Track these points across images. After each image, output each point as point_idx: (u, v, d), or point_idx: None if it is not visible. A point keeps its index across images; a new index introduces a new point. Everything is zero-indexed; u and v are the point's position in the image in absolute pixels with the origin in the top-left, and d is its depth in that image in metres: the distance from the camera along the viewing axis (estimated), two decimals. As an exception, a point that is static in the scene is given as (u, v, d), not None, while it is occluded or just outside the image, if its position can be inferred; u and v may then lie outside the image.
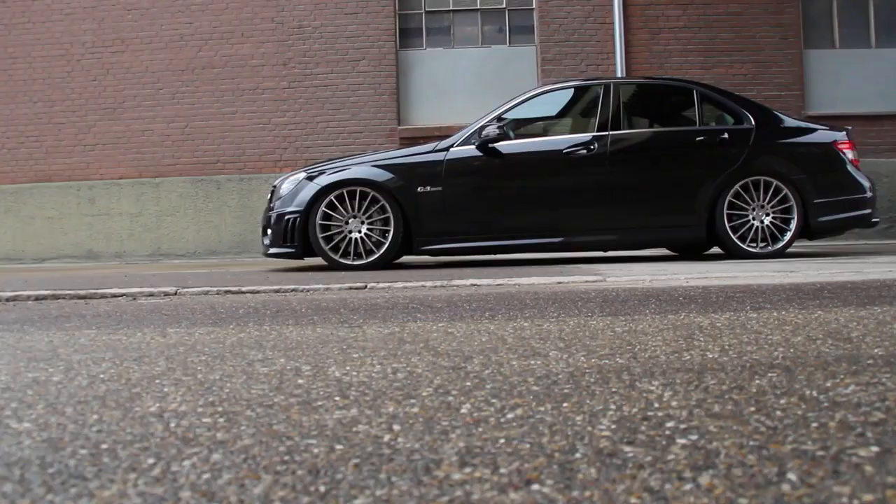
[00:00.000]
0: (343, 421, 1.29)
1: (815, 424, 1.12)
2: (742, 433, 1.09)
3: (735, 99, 6.14)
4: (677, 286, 4.06)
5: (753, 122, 5.95)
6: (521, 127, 6.42)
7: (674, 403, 1.29)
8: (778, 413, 1.20)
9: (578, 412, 1.26)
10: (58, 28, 9.46)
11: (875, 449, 0.98)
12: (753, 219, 5.84)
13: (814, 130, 6.16)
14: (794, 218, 5.81)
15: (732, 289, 3.80)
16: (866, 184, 6.04)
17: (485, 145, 5.82)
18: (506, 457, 1.03)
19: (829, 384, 1.40)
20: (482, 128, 5.88)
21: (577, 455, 1.02)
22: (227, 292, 4.56)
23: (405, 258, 7.19)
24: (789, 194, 5.80)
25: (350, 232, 5.77)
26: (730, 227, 5.81)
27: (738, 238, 5.82)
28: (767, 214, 5.85)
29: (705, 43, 9.25)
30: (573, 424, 1.19)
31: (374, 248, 5.74)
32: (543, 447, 1.07)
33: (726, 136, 5.91)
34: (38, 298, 4.51)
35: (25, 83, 9.52)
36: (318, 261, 5.97)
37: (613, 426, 1.16)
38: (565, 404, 1.33)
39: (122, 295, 4.56)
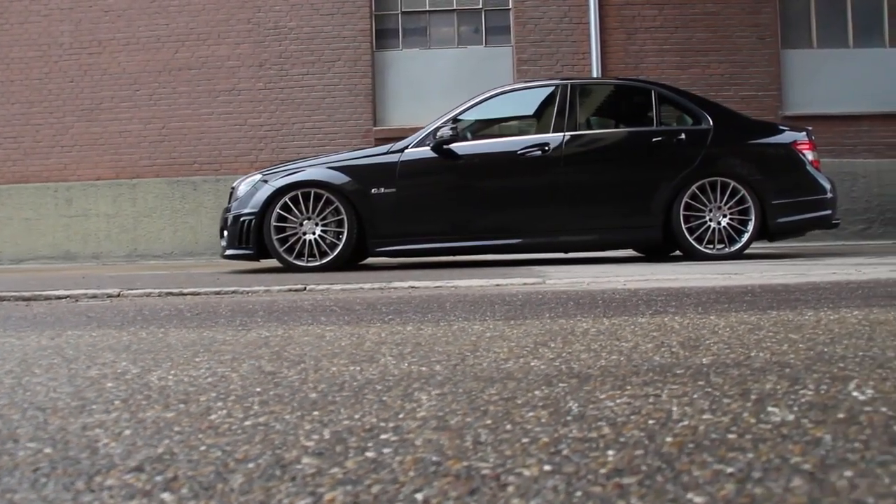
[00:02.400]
0: (89, 425, 1.27)
1: (526, 440, 1.08)
2: (441, 449, 1.06)
3: (693, 99, 6.09)
4: (611, 289, 4.02)
5: (711, 123, 5.89)
6: (480, 128, 6.40)
7: (420, 415, 1.27)
8: (508, 427, 1.17)
9: (316, 421, 1.24)
10: (35, 29, 9.51)
11: (546, 468, 0.95)
12: (710, 220, 5.79)
13: (774, 131, 6.10)
14: (751, 219, 5.75)
15: (662, 291, 3.76)
16: (827, 185, 5.97)
17: (439, 146, 5.79)
18: (184, 464, 1.02)
19: (604, 395, 1.36)
20: (437, 129, 5.85)
21: (251, 465, 1.00)
22: (168, 294, 4.54)
23: (370, 260, 7.18)
24: (747, 195, 5.74)
25: (304, 234, 5.76)
26: (687, 228, 5.75)
27: (696, 239, 5.76)
28: (725, 216, 5.79)
29: (682, 43, 9.18)
30: (292, 433, 1.16)
31: (328, 249, 5.73)
32: (232, 455, 1.05)
33: (683, 136, 5.86)
34: (-19, 300, 4.50)
35: (3, 84, 9.58)
36: (275, 262, 5.96)
37: (329, 436, 1.14)
38: (315, 412, 1.31)
39: (66, 297, 4.56)
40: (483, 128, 6.45)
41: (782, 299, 3.22)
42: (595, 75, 9.01)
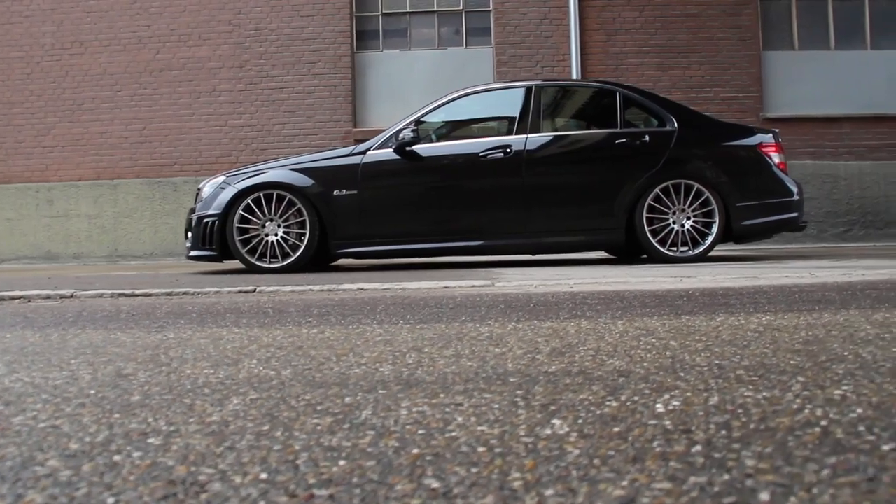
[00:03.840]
0: None
1: (278, 447, 1.07)
2: (188, 454, 1.05)
3: (658, 101, 6.04)
4: (553, 292, 3.99)
5: (676, 125, 5.85)
6: (448, 130, 6.38)
7: (211, 419, 1.25)
8: (278, 434, 1.15)
9: (107, 424, 1.25)
10: (17, 30, 9.56)
11: (263, 476, 0.93)
12: (674, 222, 5.75)
13: (739, 133, 6.04)
14: (715, 221, 5.71)
15: (600, 295, 3.73)
16: (793, 187, 5.92)
17: (402, 148, 5.78)
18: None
19: (407, 404, 1.34)
20: (399, 131, 5.84)
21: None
22: (120, 295, 4.55)
23: (341, 262, 7.17)
24: (711, 197, 5.70)
25: (267, 235, 5.76)
26: (650, 230, 5.71)
27: (660, 241, 5.72)
28: (689, 218, 5.75)
29: (662, 44, 9.12)
30: (70, 436, 1.17)
31: (290, 251, 5.74)
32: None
33: (647, 138, 5.82)
34: (-68, 301, 4.51)
35: (-15, 86, 9.64)
36: (238, 263, 5.97)
37: (102, 439, 1.15)
38: (117, 415, 1.31)
39: (20, 297, 4.57)
40: (450, 130, 6.43)
41: (712, 304, 3.19)
42: (575, 77, 8.97)
